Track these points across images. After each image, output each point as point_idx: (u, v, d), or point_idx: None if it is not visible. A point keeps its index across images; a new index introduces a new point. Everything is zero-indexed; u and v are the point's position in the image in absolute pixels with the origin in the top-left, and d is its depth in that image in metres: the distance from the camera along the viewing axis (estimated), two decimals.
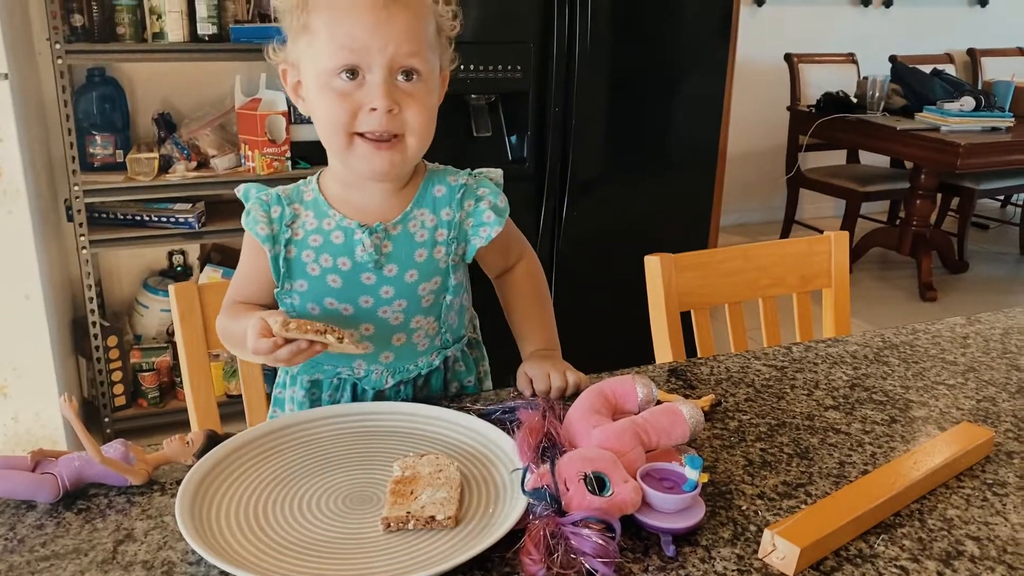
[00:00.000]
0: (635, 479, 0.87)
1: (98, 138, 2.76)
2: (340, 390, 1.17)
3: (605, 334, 2.73)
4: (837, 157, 5.19)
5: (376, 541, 0.85)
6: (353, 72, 1.00)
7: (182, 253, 3.05)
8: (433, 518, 0.85)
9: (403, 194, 1.12)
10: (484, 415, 1.04)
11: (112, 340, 2.79)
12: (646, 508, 0.86)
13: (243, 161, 2.82)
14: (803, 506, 0.92)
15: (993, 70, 5.54)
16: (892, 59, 4.98)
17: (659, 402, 0.98)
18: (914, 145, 4.15)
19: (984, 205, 5.61)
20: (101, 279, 2.99)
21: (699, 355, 1.62)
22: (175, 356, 2.93)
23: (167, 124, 2.88)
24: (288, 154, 2.80)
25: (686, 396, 1.15)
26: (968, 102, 4.25)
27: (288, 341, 0.97)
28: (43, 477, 0.91)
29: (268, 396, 1.42)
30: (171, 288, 1.35)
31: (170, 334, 2.98)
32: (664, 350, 1.61)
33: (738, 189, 5.19)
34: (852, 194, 4.67)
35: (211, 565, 0.81)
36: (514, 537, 0.82)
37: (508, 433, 0.99)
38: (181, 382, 2.89)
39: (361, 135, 1.02)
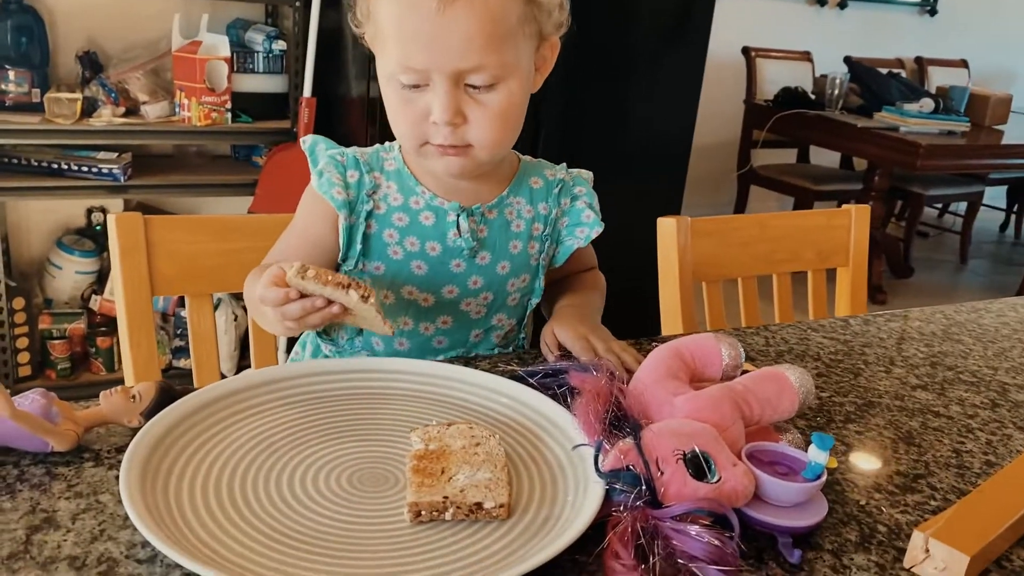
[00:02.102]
0: (743, 461, 0.66)
1: (11, 73, 2.43)
2: None
3: None
4: (786, 156, 5.11)
5: (401, 535, 0.62)
6: (416, 74, 0.86)
7: (103, 210, 2.74)
8: (479, 506, 0.63)
9: (497, 178, 0.99)
10: (522, 378, 0.82)
11: (19, 302, 2.47)
12: (756, 500, 0.66)
13: (177, 110, 2.53)
14: (932, 501, 0.73)
15: (939, 79, 5.54)
16: (848, 59, 4.92)
17: (746, 371, 0.78)
18: (874, 143, 4.07)
19: (923, 213, 5.62)
20: (8, 234, 2.66)
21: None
22: (90, 324, 2.62)
23: (92, 64, 2.56)
24: (228, 105, 2.53)
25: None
26: (928, 104, 4.20)
27: (304, 296, 0.77)
28: None
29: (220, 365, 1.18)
30: (111, 218, 1.11)
31: (85, 299, 2.67)
32: (674, 322, 1.41)
33: (686, 184, 5.06)
34: (805, 192, 4.58)
35: (170, 564, 0.57)
36: (585, 535, 0.61)
37: (557, 400, 0.78)
38: (96, 353, 2.59)
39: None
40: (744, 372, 0.77)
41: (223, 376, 1.07)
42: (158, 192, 2.63)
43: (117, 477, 0.64)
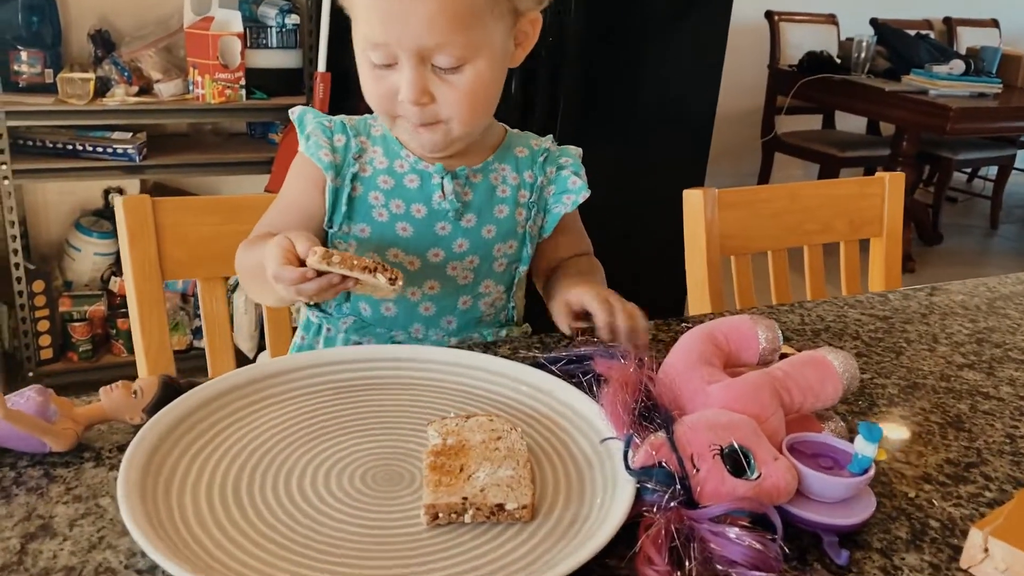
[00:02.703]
0: (784, 455, 0.62)
1: (23, 54, 2.40)
2: None
3: None
4: (811, 122, 5.00)
5: (417, 539, 0.58)
6: (383, 52, 0.86)
7: (120, 191, 2.72)
8: (501, 507, 0.59)
9: (482, 146, 0.99)
10: (543, 365, 0.78)
11: (39, 285, 2.46)
12: (799, 496, 0.61)
13: (191, 87, 2.49)
14: (986, 493, 0.68)
15: (969, 39, 5.39)
16: (874, 21, 4.80)
17: (784, 354, 0.73)
18: (902, 107, 3.96)
19: (952, 178, 5.49)
20: (27, 216, 2.64)
21: (738, 308, 1.38)
22: (110, 306, 2.61)
23: (105, 43, 2.52)
24: (243, 81, 2.48)
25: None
26: (958, 65, 4.09)
27: (319, 273, 0.77)
28: None
29: (235, 349, 1.15)
30: (118, 201, 1.08)
31: (104, 281, 2.65)
32: (701, 298, 1.36)
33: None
34: (831, 159, 4.48)
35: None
36: (615, 538, 0.57)
37: (583, 390, 0.73)
38: (116, 335, 2.58)
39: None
40: (783, 356, 0.73)
41: (244, 360, 1.04)
42: (174, 172, 2.61)
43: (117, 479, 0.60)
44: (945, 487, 0.69)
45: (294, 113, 1.00)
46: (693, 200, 1.36)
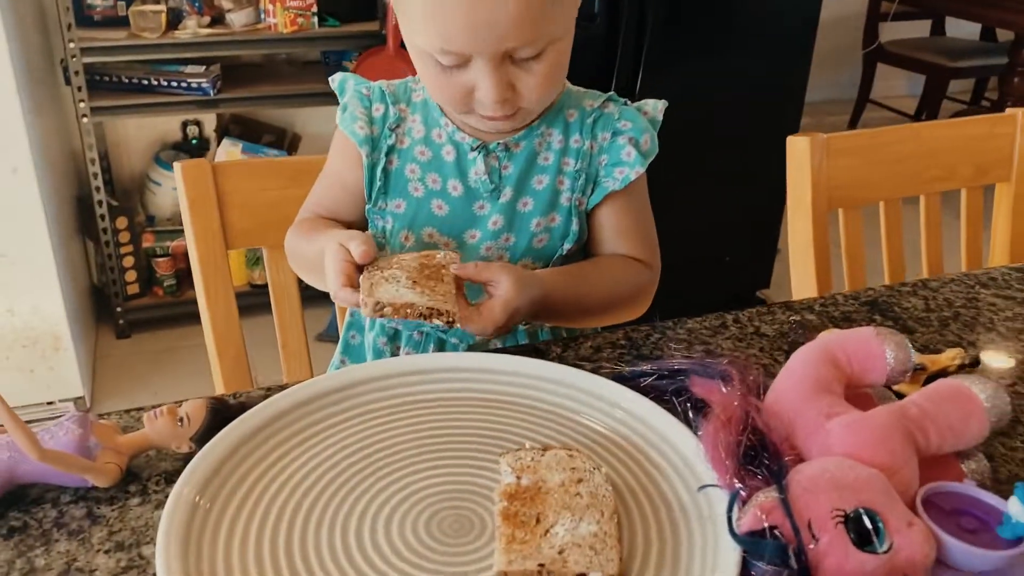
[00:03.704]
0: (920, 516, 0.52)
1: None
2: (422, 347, 0.91)
3: (679, 251, 2.34)
4: (918, 29, 4.65)
5: None
6: (456, 57, 0.78)
7: (197, 124, 2.69)
8: None
9: None
10: (625, 379, 0.69)
11: (121, 221, 2.46)
12: (938, 566, 0.52)
13: (263, 16, 2.43)
14: None
15: None
16: None
17: (920, 368, 0.62)
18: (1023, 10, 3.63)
19: None
20: (108, 152, 2.64)
21: (847, 275, 1.26)
22: None
23: None
24: (315, 9, 2.41)
25: None
26: None
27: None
28: None
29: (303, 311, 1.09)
30: (177, 167, 1.03)
31: None
32: (805, 269, 1.24)
33: None
34: (939, 70, 4.16)
35: None
36: None
37: (677, 414, 0.64)
38: None
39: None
40: (917, 368, 0.62)
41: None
42: (249, 104, 2.57)
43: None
44: None
45: (334, 80, 0.96)
46: (798, 148, 1.23)
